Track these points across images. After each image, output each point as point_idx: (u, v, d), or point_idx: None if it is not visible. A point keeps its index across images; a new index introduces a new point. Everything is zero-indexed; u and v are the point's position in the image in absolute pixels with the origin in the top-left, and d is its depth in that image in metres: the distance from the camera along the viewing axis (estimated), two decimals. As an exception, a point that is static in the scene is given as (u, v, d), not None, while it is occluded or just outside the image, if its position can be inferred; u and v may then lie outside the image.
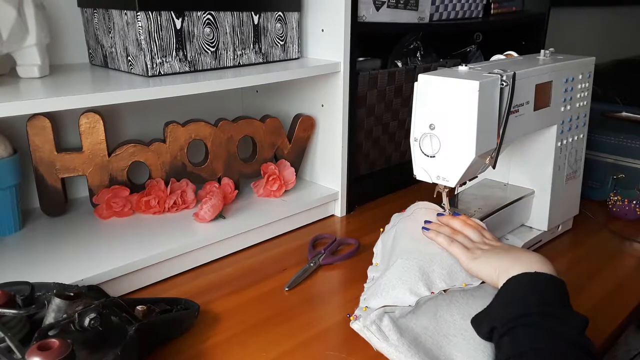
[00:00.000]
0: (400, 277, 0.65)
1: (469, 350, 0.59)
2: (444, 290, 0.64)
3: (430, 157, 0.70)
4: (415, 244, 0.69)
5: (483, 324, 0.58)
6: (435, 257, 0.67)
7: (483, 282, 0.65)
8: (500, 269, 0.62)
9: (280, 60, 0.98)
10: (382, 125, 1.12)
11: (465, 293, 0.65)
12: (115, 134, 0.96)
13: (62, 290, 0.58)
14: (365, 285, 0.73)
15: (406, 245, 0.70)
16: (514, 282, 0.59)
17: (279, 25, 0.95)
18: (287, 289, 0.78)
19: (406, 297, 0.63)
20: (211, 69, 0.87)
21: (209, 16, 0.84)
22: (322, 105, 1.02)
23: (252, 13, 0.90)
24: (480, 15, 1.33)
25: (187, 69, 0.84)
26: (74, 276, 0.71)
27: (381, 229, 0.79)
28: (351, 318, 0.62)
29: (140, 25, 0.77)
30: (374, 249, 0.78)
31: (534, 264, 0.60)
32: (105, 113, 0.87)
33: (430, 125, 0.69)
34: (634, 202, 0.99)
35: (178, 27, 0.81)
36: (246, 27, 0.90)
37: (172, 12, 0.80)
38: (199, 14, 0.83)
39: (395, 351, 0.58)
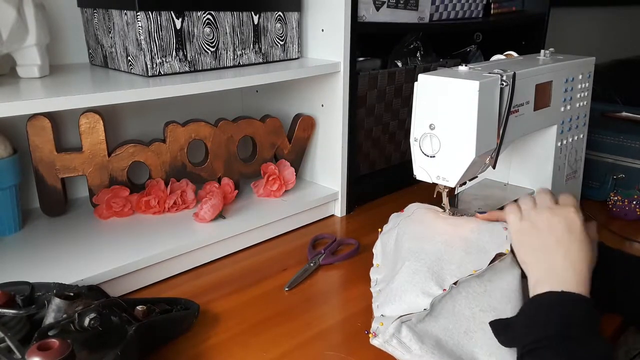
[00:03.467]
0: (411, 280, 0.65)
1: (490, 346, 0.59)
2: (454, 283, 0.63)
3: (430, 157, 0.70)
4: (420, 244, 0.69)
5: (502, 335, 0.58)
6: (442, 255, 0.67)
7: (493, 262, 0.64)
8: (531, 273, 0.60)
9: (280, 60, 0.98)
10: (382, 125, 1.12)
11: (482, 281, 0.63)
12: (115, 134, 0.96)
13: (62, 290, 0.58)
14: (371, 289, 0.72)
15: (411, 246, 0.70)
16: (538, 302, 0.57)
17: (279, 25, 0.95)
18: (287, 289, 0.78)
19: (420, 300, 0.63)
20: (211, 69, 0.87)
21: (208, 16, 0.84)
22: (322, 105, 1.02)
23: (252, 13, 0.90)
24: (480, 15, 1.33)
25: (187, 69, 0.84)
26: (73, 276, 0.71)
27: (379, 229, 0.79)
28: (370, 335, 0.62)
29: (140, 25, 0.77)
30: (374, 250, 0.78)
31: (566, 281, 0.57)
32: (105, 113, 0.87)
33: (430, 125, 0.69)
34: (634, 202, 0.99)
35: (178, 27, 0.81)
36: (246, 27, 0.90)
37: (172, 12, 0.80)
38: (198, 14, 0.83)
39: None
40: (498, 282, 0.63)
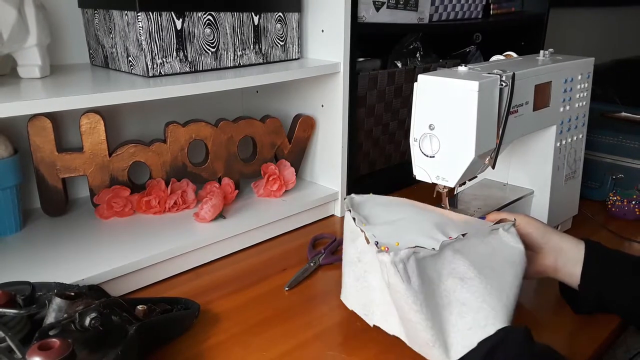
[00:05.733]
0: (413, 226, 0.66)
1: (483, 294, 0.58)
2: (463, 235, 0.62)
3: (430, 157, 0.70)
4: (424, 211, 0.71)
5: None
6: (445, 219, 0.68)
7: (496, 223, 0.66)
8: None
9: (280, 61, 0.98)
10: (382, 125, 1.12)
11: (487, 245, 0.63)
12: (116, 134, 0.97)
13: (62, 290, 0.58)
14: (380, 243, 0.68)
15: (415, 210, 0.71)
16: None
17: (279, 25, 0.95)
18: (287, 289, 0.78)
19: (421, 239, 0.63)
20: (211, 70, 0.87)
21: (209, 17, 0.84)
22: (322, 106, 1.02)
23: (252, 14, 0.90)
24: (480, 16, 1.33)
25: (187, 69, 0.84)
26: (74, 276, 0.71)
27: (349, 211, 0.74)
28: (382, 248, 0.60)
29: (140, 25, 0.77)
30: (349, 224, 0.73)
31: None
32: (106, 113, 0.87)
33: (430, 126, 0.69)
34: (633, 202, 1.00)
35: (178, 27, 0.81)
36: (246, 28, 0.90)
37: (172, 13, 0.80)
38: (199, 14, 0.83)
39: (413, 296, 0.57)
40: (502, 250, 0.63)
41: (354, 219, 0.68)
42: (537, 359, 0.53)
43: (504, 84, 0.69)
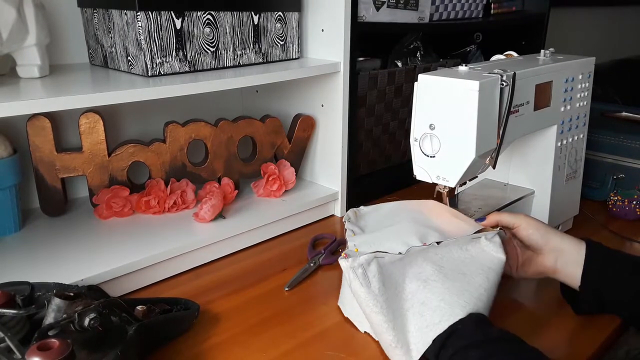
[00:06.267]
0: (396, 232, 0.67)
1: (443, 293, 0.59)
2: (437, 243, 0.64)
3: (430, 157, 0.70)
4: (416, 215, 0.71)
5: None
6: (432, 224, 0.68)
7: (479, 231, 0.66)
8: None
9: (280, 60, 0.98)
10: (382, 125, 1.12)
11: (463, 251, 0.64)
12: (115, 134, 0.96)
13: (62, 290, 0.58)
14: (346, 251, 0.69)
15: (407, 216, 0.71)
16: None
17: (279, 25, 0.95)
18: (287, 289, 0.78)
19: (398, 247, 0.64)
20: (211, 69, 0.87)
21: (208, 16, 0.84)
22: (322, 105, 1.02)
23: (252, 13, 0.90)
24: (480, 15, 1.33)
25: (187, 69, 0.84)
26: (73, 276, 0.71)
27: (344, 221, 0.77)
28: (342, 254, 0.62)
29: (140, 25, 0.77)
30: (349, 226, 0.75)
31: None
32: (105, 113, 0.87)
33: (430, 125, 0.69)
34: (634, 202, 0.99)
35: (178, 27, 0.81)
36: (246, 27, 0.90)
37: (172, 12, 0.80)
38: (198, 14, 0.83)
39: (372, 299, 0.58)
40: (480, 258, 0.64)
41: (345, 230, 0.71)
42: (492, 344, 0.54)
43: (504, 83, 0.69)
